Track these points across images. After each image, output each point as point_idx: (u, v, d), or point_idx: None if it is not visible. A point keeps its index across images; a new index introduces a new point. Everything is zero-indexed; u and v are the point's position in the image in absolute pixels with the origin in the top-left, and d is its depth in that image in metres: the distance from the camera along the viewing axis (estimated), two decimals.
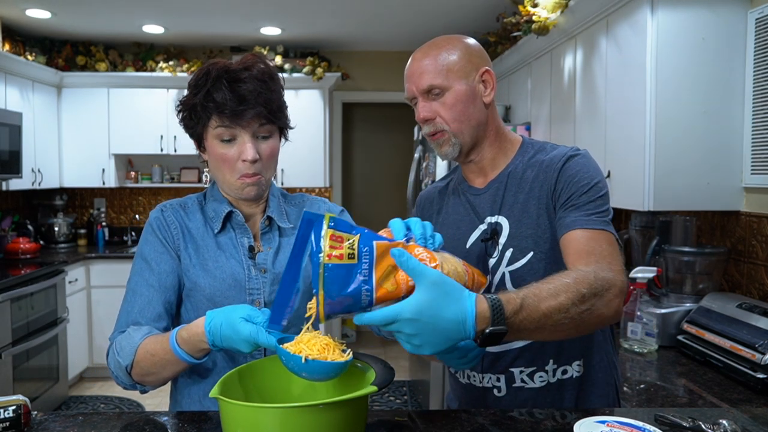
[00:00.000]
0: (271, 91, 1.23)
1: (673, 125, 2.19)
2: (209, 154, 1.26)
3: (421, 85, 1.25)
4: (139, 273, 1.27)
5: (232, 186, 1.26)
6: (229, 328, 1.02)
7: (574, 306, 0.96)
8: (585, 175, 1.20)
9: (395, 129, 6.06)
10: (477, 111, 1.27)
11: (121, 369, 1.17)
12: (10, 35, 4.46)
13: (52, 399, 3.95)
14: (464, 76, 1.25)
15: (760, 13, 2.09)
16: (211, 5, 3.94)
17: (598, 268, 1.05)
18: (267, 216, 1.32)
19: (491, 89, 1.28)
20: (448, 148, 1.27)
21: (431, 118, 1.25)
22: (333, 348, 0.96)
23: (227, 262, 1.27)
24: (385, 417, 1.13)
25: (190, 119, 1.25)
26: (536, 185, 1.25)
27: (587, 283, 0.99)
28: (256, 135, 1.23)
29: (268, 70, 1.24)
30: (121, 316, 1.25)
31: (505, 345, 1.26)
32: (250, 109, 1.19)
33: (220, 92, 1.18)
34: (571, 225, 1.15)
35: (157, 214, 1.31)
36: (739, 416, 1.14)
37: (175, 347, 1.10)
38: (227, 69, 1.21)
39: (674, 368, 1.94)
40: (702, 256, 2.23)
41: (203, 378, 1.29)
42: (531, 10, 3.12)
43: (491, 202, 1.29)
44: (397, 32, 4.64)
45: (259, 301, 1.27)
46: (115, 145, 4.88)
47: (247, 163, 1.21)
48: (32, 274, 3.76)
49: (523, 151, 1.31)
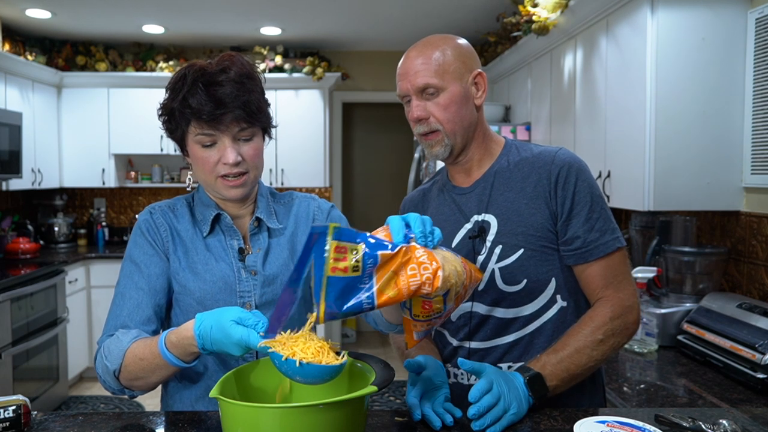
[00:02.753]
0: (249, 92, 1.19)
1: (673, 125, 2.19)
2: (191, 157, 1.24)
3: (417, 83, 1.24)
4: (128, 276, 1.24)
5: (216, 188, 1.24)
6: (220, 331, 1.00)
7: (597, 352, 1.19)
8: (585, 184, 1.24)
9: (395, 129, 6.06)
10: (469, 113, 1.28)
11: (109, 373, 1.15)
12: (10, 35, 4.46)
13: (52, 399, 3.95)
14: (459, 77, 1.25)
15: (760, 13, 2.09)
16: (211, 5, 3.94)
17: (614, 303, 1.22)
18: (256, 217, 1.30)
19: (483, 92, 1.29)
20: (440, 148, 1.28)
21: (425, 117, 1.26)
22: (327, 351, 0.95)
23: (217, 264, 1.25)
24: (385, 417, 1.13)
25: (170, 123, 1.22)
26: (528, 185, 1.26)
27: (604, 325, 1.20)
28: (237, 138, 1.20)
29: (246, 71, 1.21)
30: (109, 319, 1.23)
31: (496, 340, 1.27)
32: (228, 113, 1.16)
33: (196, 97, 1.15)
34: (587, 255, 1.23)
35: (145, 216, 1.29)
36: (739, 416, 1.14)
37: (164, 351, 1.08)
38: (203, 72, 1.17)
39: (674, 368, 1.94)
40: (702, 256, 2.23)
41: (194, 383, 1.27)
42: (531, 10, 3.12)
43: (477, 201, 1.30)
44: (397, 32, 4.64)
45: (250, 304, 1.26)
46: (115, 145, 4.88)
47: (229, 165, 1.19)
48: (32, 274, 3.76)
49: (507, 151, 1.33)
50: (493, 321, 1.27)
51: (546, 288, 1.25)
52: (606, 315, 1.21)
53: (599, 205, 1.25)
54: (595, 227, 1.23)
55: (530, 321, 1.26)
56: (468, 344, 1.29)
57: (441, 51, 1.25)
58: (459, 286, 0.98)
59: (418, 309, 0.99)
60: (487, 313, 1.27)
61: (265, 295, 1.27)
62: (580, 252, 1.23)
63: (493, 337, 1.27)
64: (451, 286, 0.96)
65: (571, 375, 1.17)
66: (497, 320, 1.27)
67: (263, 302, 1.27)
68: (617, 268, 1.24)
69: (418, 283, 0.92)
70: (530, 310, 1.26)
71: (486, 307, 1.27)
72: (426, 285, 0.92)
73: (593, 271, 1.24)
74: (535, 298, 1.25)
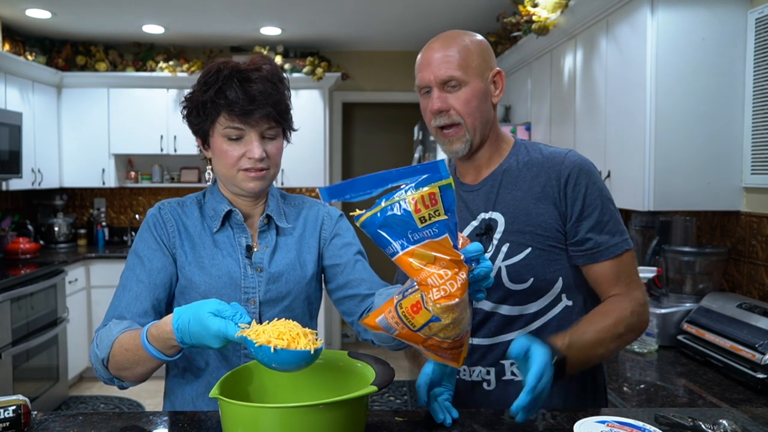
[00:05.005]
0: (280, 92, 1.24)
1: (673, 125, 2.19)
2: (214, 150, 1.26)
3: (440, 75, 1.23)
4: (130, 268, 1.27)
5: (236, 181, 1.26)
6: (198, 324, 0.99)
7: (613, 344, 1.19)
8: (595, 186, 1.25)
9: (395, 129, 6.06)
10: (487, 110, 1.28)
11: (99, 361, 1.16)
12: (10, 35, 4.46)
13: (52, 399, 3.95)
14: (480, 73, 1.26)
15: (760, 13, 2.09)
16: (211, 5, 3.94)
17: (632, 299, 1.23)
18: (266, 214, 1.32)
19: (500, 90, 1.30)
20: (460, 145, 1.27)
21: (446, 109, 1.25)
22: (303, 337, 0.95)
23: (224, 260, 1.27)
24: (385, 417, 1.13)
25: (197, 116, 1.24)
26: (536, 185, 1.26)
27: (626, 319, 1.19)
28: (264, 135, 1.24)
29: (277, 72, 1.25)
30: (109, 310, 1.25)
31: (498, 336, 1.27)
32: (259, 109, 1.20)
33: (231, 90, 1.19)
34: (597, 256, 1.23)
35: (154, 211, 1.31)
36: (739, 416, 1.14)
37: (146, 344, 1.08)
38: (238, 68, 1.21)
39: (674, 368, 1.94)
40: (702, 256, 2.23)
41: (197, 378, 1.28)
42: (531, 10, 3.12)
43: (485, 199, 1.30)
44: (397, 32, 4.64)
45: (254, 300, 1.26)
46: (115, 145, 4.88)
47: (254, 160, 1.22)
48: (32, 274, 3.76)
49: (516, 151, 1.33)
50: (498, 318, 1.27)
51: (552, 287, 1.25)
52: (627, 309, 1.21)
53: (609, 207, 1.25)
54: (605, 229, 1.23)
55: (534, 319, 1.26)
56: (471, 340, 1.29)
57: (464, 46, 1.25)
58: (447, 332, 0.92)
59: (408, 303, 0.92)
60: (492, 309, 1.27)
61: (270, 292, 1.28)
62: (590, 253, 1.23)
63: (496, 333, 1.27)
64: (445, 322, 0.90)
65: (584, 365, 1.16)
66: (502, 317, 1.27)
67: (267, 299, 1.28)
68: (627, 269, 1.25)
69: (437, 283, 0.89)
70: (535, 308, 1.26)
71: (491, 303, 1.27)
72: (438, 291, 0.89)
73: (603, 269, 1.24)
74: (541, 297, 1.25)
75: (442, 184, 0.89)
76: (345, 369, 1.07)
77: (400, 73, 5.27)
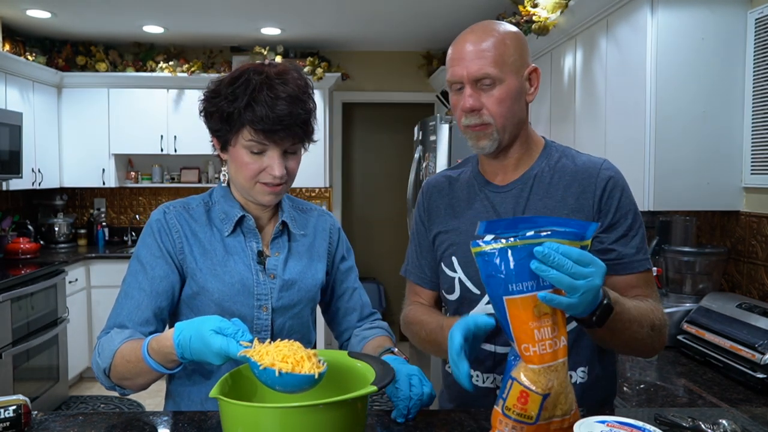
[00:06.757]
0: (307, 111, 1.21)
1: (673, 125, 2.19)
2: (233, 158, 1.23)
3: (473, 72, 1.16)
4: (133, 275, 1.25)
5: (252, 192, 1.24)
6: (200, 341, 0.99)
7: (644, 331, 1.11)
8: (628, 200, 1.24)
9: (395, 129, 6.05)
10: (520, 109, 1.23)
11: (101, 371, 1.17)
12: (10, 35, 4.46)
13: (52, 399, 3.95)
14: (516, 70, 1.19)
15: (760, 13, 2.09)
16: (211, 5, 3.94)
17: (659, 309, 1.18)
18: (282, 221, 1.31)
19: (535, 89, 1.24)
20: (487, 142, 1.21)
21: (478, 108, 1.18)
22: (306, 359, 0.95)
23: (236, 266, 1.25)
24: (385, 417, 1.13)
25: (221, 123, 1.21)
26: (569, 195, 1.23)
27: (659, 317, 1.15)
28: (286, 151, 1.22)
29: (304, 83, 1.22)
30: (110, 317, 1.24)
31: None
32: (286, 130, 1.18)
33: (260, 106, 1.15)
34: (619, 268, 1.20)
35: (158, 216, 1.28)
36: (739, 416, 1.14)
37: (146, 357, 1.08)
38: (269, 81, 1.17)
39: (674, 368, 1.94)
40: (702, 256, 2.23)
41: (207, 380, 1.27)
42: (531, 10, 3.12)
43: (514, 203, 1.25)
44: (397, 32, 4.64)
45: (267, 307, 1.26)
46: (115, 145, 4.88)
47: (274, 176, 1.21)
48: (32, 274, 3.76)
49: (547, 154, 1.29)
50: None
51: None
52: (659, 310, 1.17)
53: (638, 223, 1.23)
54: (630, 243, 1.21)
55: None
56: (493, 348, 1.25)
57: (501, 40, 1.17)
58: (562, 406, 0.91)
59: (513, 400, 0.90)
60: None
61: (282, 299, 1.27)
62: (611, 264, 1.18)
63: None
64: (557, 390, 0.89)
65: (612, 335, 1.07)
66: None
67: (280, 306, 1.27)
68: (648, 285, 1.23)
69: (545, 337, 0.89)
70: None
71: None
72: (543, 347, 0.89)
73: (624, 281, 1.21)
74: None
75: (583, 245, 0.91)
76: (345, 369, 1.07)
77: (401, 73, 5.26)
